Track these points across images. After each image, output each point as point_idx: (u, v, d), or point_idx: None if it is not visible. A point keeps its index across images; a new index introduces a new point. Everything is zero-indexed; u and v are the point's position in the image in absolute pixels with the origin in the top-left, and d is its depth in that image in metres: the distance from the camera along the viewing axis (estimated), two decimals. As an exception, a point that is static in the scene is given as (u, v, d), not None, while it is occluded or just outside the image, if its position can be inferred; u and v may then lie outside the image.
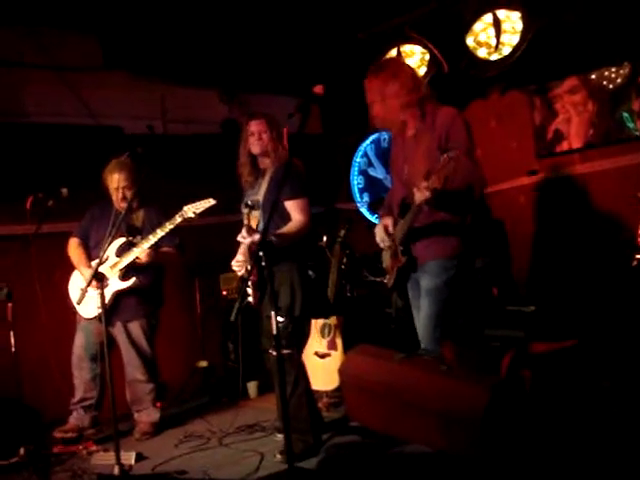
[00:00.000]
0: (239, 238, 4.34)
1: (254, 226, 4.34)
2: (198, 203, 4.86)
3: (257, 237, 4.16)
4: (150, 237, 4.93)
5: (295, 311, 4.34)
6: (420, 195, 3.52)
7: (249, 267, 4.29)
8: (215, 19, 5.92)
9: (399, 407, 3.41)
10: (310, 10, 5.93)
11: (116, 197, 5.13)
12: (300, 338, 4.54)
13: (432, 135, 3.83)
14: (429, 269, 3.89)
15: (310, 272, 4.46)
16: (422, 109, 3.93)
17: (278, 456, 4.27)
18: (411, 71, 4.09)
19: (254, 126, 4.47)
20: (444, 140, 3.78)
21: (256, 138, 4.45)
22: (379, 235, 4.07)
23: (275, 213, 4.21)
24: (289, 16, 6.01)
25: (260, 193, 4.42)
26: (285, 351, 4.11)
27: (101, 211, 5.23)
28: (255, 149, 4.47)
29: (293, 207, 4.34)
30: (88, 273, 4.92)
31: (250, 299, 4.29)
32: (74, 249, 5.22)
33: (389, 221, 4.02)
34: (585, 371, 3.96)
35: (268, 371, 4.57)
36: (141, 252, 4.95)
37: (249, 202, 4.35)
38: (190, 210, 4.86)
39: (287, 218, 4.36)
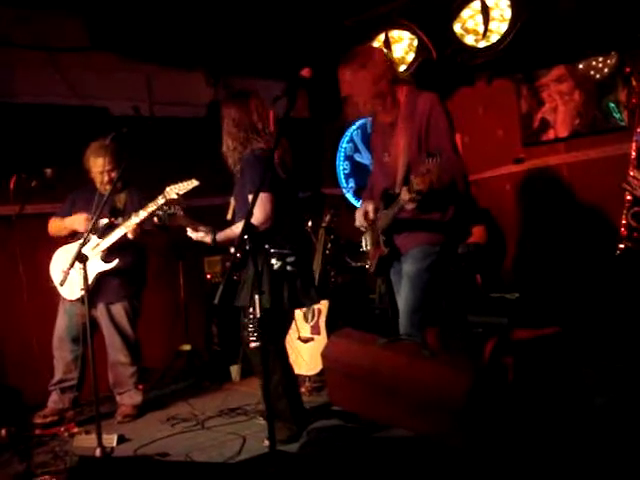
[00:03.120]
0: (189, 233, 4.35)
1: (230, 214, 4.38)
2: (181, 184, 4.82)
3: (200, 235, 4.27)
4: (133, 217, 4.91)
5: (264, 303, 4.25)
6: (405, 195, 3.52)
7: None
8: (202, 1, 5.88)
9: (381, 391, 3.42)
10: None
11: (100, 180, 5.10)
12: (272, 330, 4.40)
13: (412, 124, 3.80)
14: (411, 255, 3.90)
15: (274, 261, 4.31)
16: (395, 95, 3.90)
17: (266, 442, 4.21)
18: (380, 58, 4.00)
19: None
20: (424, 130, 3.76)
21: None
22: (359, 220, 4.07)
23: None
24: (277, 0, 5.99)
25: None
26: (254, 344, 4.07)
27: (82, 195, 5.19)
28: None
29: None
30: (74, 222, 4.94)
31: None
32: (54, 221, 5.21)
33: (370, 207, 4.01)
34: (567, 358, 3.98)
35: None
36: (126, 228, 4.92)
37: None
38: (173, 191, 4.82)
39: None
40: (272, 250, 4.18)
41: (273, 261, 4.18)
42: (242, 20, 6.17)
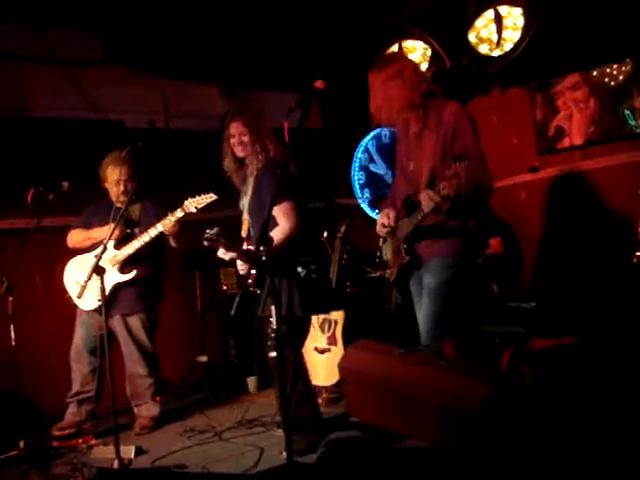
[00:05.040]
0: (220, 254, 4.27)
1: (245, 231, 4.40)
2: (200, 198, 4.87)
3: (235, 255, 4.21)
4: (151, 230, 4.94)
5: (295, 311, 4.28)
6: (428, 203, 3.52)
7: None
8: (216, 14, 5.91)
9: (399, 402, 3.41)
10: (312, 5, 5.93)
11: (117, 190, 5.12)
12: (297, 338, 4.45)
13: (437, 133, 3.81)
14: (432, 267, 3.89)
15: (300, 269, 4.34)
16: (425, 106, 3.91)
17: (284, 454, 4.22)
18: (414, 69, 4.02)
19: (233, 129, 4.36)
20: (450, 139, 3.77)
21: (237, 141, 4.35)
22: (380, 225, 4.07)
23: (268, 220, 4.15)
24: (290, 11, 6.01)
25: (247, 196, 4.38)
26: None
27: (98, 208, 5.22)
28: (238, 153, 4.38)
29: (277, 213, 4.20)
30: (101, 233, 4.95)
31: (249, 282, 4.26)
32: (77, 233, 5.22)
33: (391, 213, 4.01)
34: (585, 368, 3.96)
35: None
36: (142, 241, 4.97)
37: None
38: (192, 205, 4.87)
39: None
40: (300, 259, 4.27)
41: (299, 269, 4.25)
42: (256, 32, 6.20)
